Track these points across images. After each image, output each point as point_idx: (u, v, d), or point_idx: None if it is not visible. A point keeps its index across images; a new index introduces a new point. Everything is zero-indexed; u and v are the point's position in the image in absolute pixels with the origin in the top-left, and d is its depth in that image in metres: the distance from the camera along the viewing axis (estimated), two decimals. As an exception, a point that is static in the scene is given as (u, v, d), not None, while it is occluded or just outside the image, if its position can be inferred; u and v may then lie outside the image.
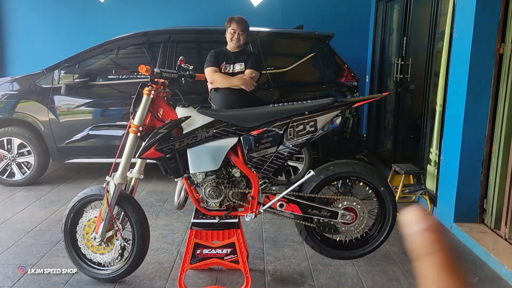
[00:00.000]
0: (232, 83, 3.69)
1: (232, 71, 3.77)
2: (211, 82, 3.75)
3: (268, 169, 2.60)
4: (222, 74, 3.73)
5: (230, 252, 2.65)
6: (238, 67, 3.79)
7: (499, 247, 3.26)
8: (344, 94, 5.01)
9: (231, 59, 3.80)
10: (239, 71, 3.77)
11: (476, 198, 3.69)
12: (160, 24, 5.90)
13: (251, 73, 3.72)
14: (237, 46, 3.80)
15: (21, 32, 6.68)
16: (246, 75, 3.71)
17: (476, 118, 3.59)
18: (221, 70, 3.76)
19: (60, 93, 4.67)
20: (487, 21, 3.45)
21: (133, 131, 2.57)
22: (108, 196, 2.62)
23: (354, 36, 6.64)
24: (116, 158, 2.62)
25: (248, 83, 3.68)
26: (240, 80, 3.68)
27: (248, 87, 3.69)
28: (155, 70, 2.54)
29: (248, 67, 3.76)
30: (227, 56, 3.81)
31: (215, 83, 3.73)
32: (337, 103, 2.57)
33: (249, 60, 3.78)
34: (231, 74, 3.76)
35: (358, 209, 2.63)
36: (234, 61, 3.80)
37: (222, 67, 3.77)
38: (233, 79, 3.71)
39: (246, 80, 3.68)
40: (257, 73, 3.76)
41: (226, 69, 3.77)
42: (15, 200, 4.44)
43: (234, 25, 3.75)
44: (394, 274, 2.97)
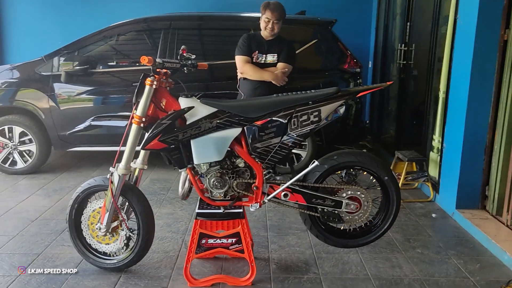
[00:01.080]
0: (263, 77, 3.59)
1: (264, 61, 3.66)
2: (241, 72, 3.66)
3: (272, 159, 2.60)
4: (253, 67, 3.61)
5: (235, 241, 2.67)
6: (270, 58, 3.66)
7: (501, 234, 3.28)
8: (347, 81, 4.99)
9: (264, 48, 3.66)
10: (271, 63, 3.65)
11: (478, 185, 3.71)
12: (160, 10, 5.84)
13: (283, 67, 3.61)
14: (271, 35, 3.65)
15: (20, 20, 6.61)
16: (278, 70, 3.60)
17: (479, 105, 3.58)
18: (253, 60, 3.64)
19: (60, 81, 4.65)
20: (492, 7, 3.42)
21: (136, 122, 2.56)
22: (112, 187, 2.62)
23: (356, 22, 6.58)
24: (119, 148, 2.61)
25: (279, 79, 3.59)
26: (272, 75, 3.58)
27: (279, 83, 3.61)
28: (157, 61, 2.51)
29: (281, 60, 3.63)
30: (260, 44, 3.66)
31: (245, 74, 3.64)
32: (341, 93, 2.56)
33: (282, 52, 3.65)
34: (262, 65, 3.65)
35: (362, 198, 2.63)
36: (267, 51, 3.66)
37: (254, 56, 3.64)
38: (264, 73, 3.60)
39: (277, 75, 3.58)
40: (290, 67, 3.65)
41: (258, 59, 3.65)
42: (18, 188, 4.45)
43: (269, 13, 3.57)
44: (397, 261, 2.99)
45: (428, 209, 3.97)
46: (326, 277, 2.79)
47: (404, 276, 2.80)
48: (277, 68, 3.64)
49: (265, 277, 2.78)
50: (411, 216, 3.78)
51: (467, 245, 3.26)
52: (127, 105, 4.70)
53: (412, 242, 3.30)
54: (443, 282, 2.73)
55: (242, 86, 3.78)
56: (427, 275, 2.81)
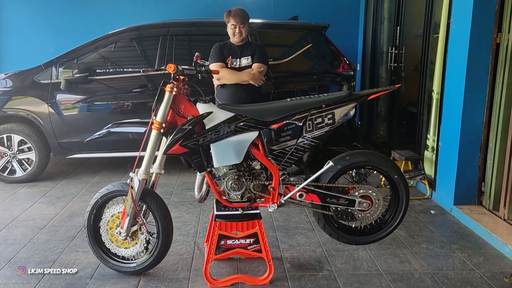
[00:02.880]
0: (241, 78, 3.64)
1: (239, 65, 3.71)
2: (218, 78, 3.68)
3: (288, 161, 2.70)
4: (230, 70, 3.66)
5: (253, 242, 2.75)
6: (244, 61, 3.72)
7: (500, 227, 3.45)
8: (340, 84, 5.13)
9: (236, 53, 3.72)
10: (246, 65, 3.71)
11: (474, 181, 3.88)
12: (153, 17, 5.89)
13: (259, 67, 3.68)
14: (240, 40, 3.72)
15: (12, 28, 6.58)
16: (255, 70, 3.67)
17: (474, 106, 3.75)
18: (227, 65, 3.69)
19: (60, 89, 4.65)
20: (484, 11, 3.59)
21: (156, 127, 2.62)
22: (132, 192, 2.68)
23: (344, 26, 6.73)
24: (139, 153, 2.67)
25: (257, 78, 3.66)
26: (249, 75, 3.64)
27: (257, 82, 3.67)
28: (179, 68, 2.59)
29: (255, 61, 3.70)
30: (232, 50, 3.73)
31: (222, 80, 3.66)
32: (353, 96, 2.68)
33: (255, 53, 3.72)
34: (238, 69, 3.71)
35: (374, 197, 2.75)
36: (240, 55, 3.72)
37: (229, 62, 3.69)
38: (241, 74, 3.65)
39: (255, 75, 3.64)
40: (265, 66, 3.73)
41: (233, 63, 3.70)
42: (20, 197, 4.44)
43: (233, 20, 3.64)
44: (405, 256, 3.12)
45: (426, 206, 4.13)
46: (340, 273, 2.90)
47: (414, 271, 2.93)
48: (253, 69, 3.70)
49: (281, 275, 2.87)
50: (411, 213, 3.92)
51: (468, 239, 3.41)
52: (127, 111, 4.75)
53: (416, 238, 3.44)
54: (451, 275, 2.87)
55: (219, 94, 3.79)
56: (436, 269, 2.94)
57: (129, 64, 4.91)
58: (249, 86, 3.69)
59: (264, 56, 3.77)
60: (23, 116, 4.75)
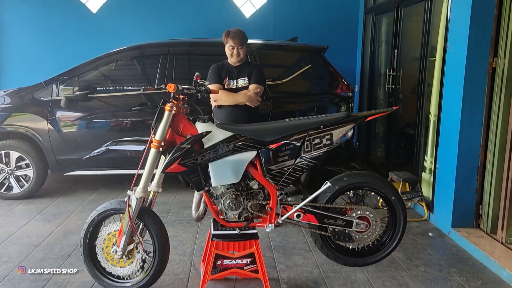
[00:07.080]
0: (237, 100, 3.65)
1: (236, 86, 3.73)
2: (215, 100, 3.70)
3: (286, 181, 2.70)
4: (226, 92, 3.67)
5: (250, 262, 2.74)
6: (241, 82, 3.74)
7: (498, 251, 3.44)
8: (339, 105, 5.17)
9: (233, 73, 3.74)
10: (243, 86, 3.73)
11: (472, 204, 3.88)
12: (153, 36, 5.98)
13: (255, 88, 3.69)
14: (238, 60, 3.74)
15: (13, 45, 6.64)
16: (251, 91, 3.68)
17: (471, 129, 3.78)
18: (224, 86, 3.71)
19: (60, 106, 4.68)
20: (481, 36, 3.65)
21: (155, 146, 2.64)
22: (130, 210, 2.67)
23: (343, 47, 6.83)
24: (137, 171, 2.67)
25: (253, 100, 3.67)
26: (245, 97, 3.65)
27: (253, 104, 3.68)
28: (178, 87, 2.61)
29: (252, 82, 3.72)
30: (229, 70, 3.75)
31: (219, 101, 3.68)
32: (351, 117, 2.70)
33: (252, 74, 3.74)
34: (234, 90, 3.72)
35: (371, 218, 2.75)
36: (237, 76, 3.74)
37: (225, 83, 3.71)
38: (237, 96, 3.66)
39: (251, 96, 3.66)
40: (261, 87, 3.74)
41: (229, 85, 3.72)
42: (16, 214, 4.41)
43: (231, 41, 3.66)
44: (403, 279, 3.10)
45: (424, 228, 4.12)
46: (337, 295, 2.88)
47: (411, 293, 2.91)
48: (250, 90, 3.72)
49: (278, 296, 2.85)
50: (409, 235, 3.91)
51: (466, 263, 3.39)
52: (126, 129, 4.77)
53: (414, 260, 3.42)
54: (449, 298, 2.85)
55: (216, 115, 3.80)
56: (434, 292, 2.93)
57: (129, 83, 4.95)
58: (246, 107, 3.70)
59: (261, 77, 3.78)
60: (22, 133, 4.77)
